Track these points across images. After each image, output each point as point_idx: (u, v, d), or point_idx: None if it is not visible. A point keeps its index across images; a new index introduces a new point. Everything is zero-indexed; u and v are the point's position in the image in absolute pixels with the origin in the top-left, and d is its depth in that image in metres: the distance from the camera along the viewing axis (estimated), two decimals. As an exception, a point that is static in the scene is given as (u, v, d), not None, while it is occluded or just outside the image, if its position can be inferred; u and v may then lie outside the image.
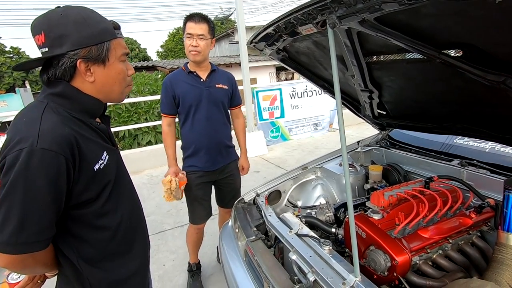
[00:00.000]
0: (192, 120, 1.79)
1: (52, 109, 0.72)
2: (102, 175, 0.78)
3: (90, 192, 0.75)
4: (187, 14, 1.71)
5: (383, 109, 1.73)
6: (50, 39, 0.71)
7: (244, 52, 4.77)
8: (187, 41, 1.69)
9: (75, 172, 0.70)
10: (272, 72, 14.48)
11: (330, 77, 1.63)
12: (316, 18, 0.95)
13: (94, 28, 0.75)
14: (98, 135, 0.81)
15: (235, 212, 1.64)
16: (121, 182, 0.88)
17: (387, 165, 1.80)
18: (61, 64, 0.73)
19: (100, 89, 0.80)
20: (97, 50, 0.75)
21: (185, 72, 1.79)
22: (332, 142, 5.53)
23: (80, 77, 0.76)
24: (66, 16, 0.72)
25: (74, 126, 0.73)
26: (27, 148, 0.63)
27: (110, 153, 0.83)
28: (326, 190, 1.84)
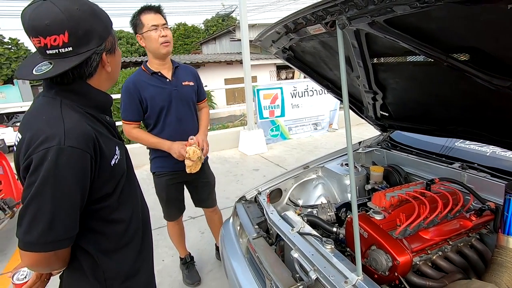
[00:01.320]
0: (163, 124, 1.70)
1: (68, 106, 0.72)
2: (117, 169, 0.79)
3: (107, 187, 0.77)
4: (141, 7, 1.59)
5: (385, 111, 1.74)
6: (77, 37, 0.68)
7: (246, 49, 4.76)
8: (154, 34, 1.56)
9: (96, 169, 0.71)
10: (273, 71, 14.48)
11: (334, 78, 1.64)
12: (326, 19, 0.96)
13: (104, 21, 0.76)
14: (108, 130, 0.82)
15: (236, 210, 1.65)
16: (130, 176, 0.89)
17: (388, 166, 1.82)
18: (91, 62, 0.73)
19: (111, 77, 0.82)
20: (113, 38, 0.78)
21: (148, 73, 1.66)
22: (332, 142, 5.55)
23: (99, 71, 0.77)
24: (82, 10, 0.70)
25: (91, 123, 0.74)
26: (55, 146, 0.63)
27: (120, 148, 0.84)
28: (327, 190, 1.85)
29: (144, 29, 1.57)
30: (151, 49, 1.62)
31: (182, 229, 2.09)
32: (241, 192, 3.53)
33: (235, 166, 4.51)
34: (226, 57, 13.72)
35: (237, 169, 4.35)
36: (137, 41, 1.66)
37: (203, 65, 12.88)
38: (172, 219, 1.98)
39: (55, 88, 0.75)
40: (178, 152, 1.63)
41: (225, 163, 4.67)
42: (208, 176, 1.98)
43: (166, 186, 1.81)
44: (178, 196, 1.90)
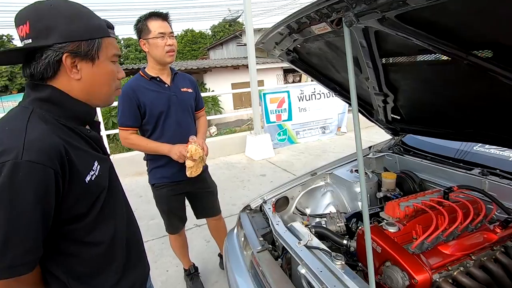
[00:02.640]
0: (162, 128, 1.64)
1: (38, 116, 0.66)
2: (94, 186, 0.72)
3: (81, 206, 0.70)
4: (148, 13, 1.55)
5: (397, 114, 1.65)
6: (36, 29, 0.65)
7: (251, 54, 4.72)
8: (160, 41, 1.53)
9: (64, 186, 0.64)
10: (280, 75, 14.42)
11: (342, 80, 1.56)
12: (331, 16, 0.88)
13: (86, 23, 0.70)
14: (88, 143, 0.76)
15: (240, 220, 1.58)
16: (114, 193, 0.82)
17: (401, 172, 1.72)
18: (44, 57, 0.67)
19: (87, 89, 0.74)
20: (87, 46, 0.70)
21: (146, 78, 1.62)
22: (340, 145, 5.42)
23: (64, 74, 0.70)
24: (57, 8, 0.68)
25: (63, 135, 0.67)
26: (10, 161, 0.57)
27: (102, 163, 0.77)
28: (336, 198, 1.76)
29: (150, 36, 1.53)
30: (155, 56, 1.58)
31: (185, 241, 2.02)
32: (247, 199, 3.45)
33: (241, 171, 4.44)
34: (233, 61, 13.75)
35: (244, 175, 4.28)
36: (140, 45, 1.62)
37: (210, 70, 12.93)
38: (174, 232, 1.91)
39: (31, 96, 0.70)
40: (179, 152, 1.57)
41: (232, 168, 4.61)
42: (211, 185, 1.91)
43: (166, 198, 1.74)
44: (180, 207, 1.84)
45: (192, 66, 12.68)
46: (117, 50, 0.78)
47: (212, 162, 4.81)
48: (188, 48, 27.52)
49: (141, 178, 4.28)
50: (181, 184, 1.74)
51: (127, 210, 0.89)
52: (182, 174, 1.68)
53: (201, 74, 13.00)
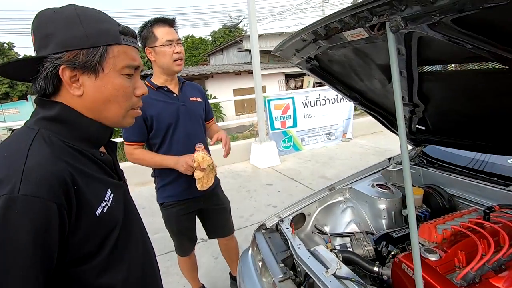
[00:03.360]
0: (170, 141, 1.52)
1: (43, 138, 0.56)
2: (106, 220, 0.61)
3: (91, 243, 0.58)
4: (154, 18, 1.45)
5: (422, 124, 1.54)
6: (37, 39, 0.58)
7: (256, 59, 4.63)
8: (168, 49, 1.42)
9: (71, 221, 0.53)
10: (282, 80, 14.38)
11: (365, 88, 1.44)
12: (371, 21, 0.77)
13: (89, 28, 0.59)
14: (101, 168, 0.65)
15: (256, 241, 1.45)
16: (129, 224, 0.70)
17: (427, 186, 1.60)
18: (43, 70, 0.57)
19: (89, 107, 0.62)
20: (87, 55, 0.58)
21: (153, 88, 1.51)
22: (347, 152, 5.31)
23: (66, 90, 0.60)
24: (61, 12, 0.58)
25: (70, 160, 0.57)
26: (5, 196, 0.47)
27: (116, 190, 0.66)
28: (357, 215, 1.63)
29: (158, 43, 1.42)
30: (162, 65, 1.47)
31: (195, 263, 1.89)
32: (255, 210, 3.30)
33: (247, 180, 4.32)
34: (234, 67, 13.72)
35: (250, 184, 4.16)
36: (145, 54, 1.50)
37: (211, 76, 12.88)
38: (184, 254, 1.78)
39: (39, 114, 0.60)
40: (185, 163, 1.42)
41: (237, 177, 4.48)
42: (223, 201, 1.78)
43: (176, 218, 1.62)
44: (190, 226, 1.71)
45: (194, 72, 12.64)
46: (133, 61, 0.65)
47: (217, 171, 4.68)
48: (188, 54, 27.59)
49: (144, 188, 4.16)
50: (191, 202, 1.62)
51: (145, 247, 0.77)
52: (191, 191, 1.56)
53: (202, 80, 12.95)
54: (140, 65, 0.68)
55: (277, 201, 3.52)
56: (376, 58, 1.08)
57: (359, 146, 5.62)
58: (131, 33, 0.66)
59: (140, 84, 0.69)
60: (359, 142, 5.89)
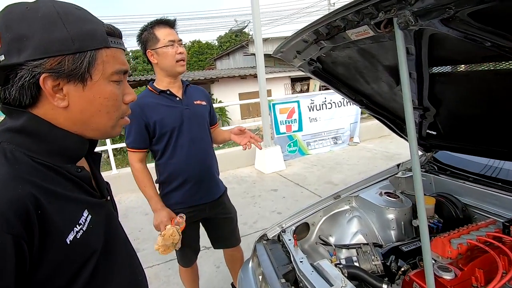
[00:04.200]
0: (173, 148, 1.48)
1: (4, 155, 0.48)
2: (80, 247, 0.53)
3: (60, 276, 0.50)
4: (154, 20, 1.41)
5: (433, 129, 1.45)
6: (5, 41, 0.49)
7: (260, 63, 4.58)
8: (170, 50, 1.38)
9: (33, 254, 0.46)
10: (287, 84, 14.32)
11: (371, 92, 1.37)
12: (377, 17, 0.70)
13: (74, 29, 0.51)
14: (77, 186, 0.57)
15: (257, 253, 1.38)
16: (112, 250, 0.61)
17: (438, 195, 1.50)
18: (18, 79, 0.49)
19: (77, 119, 0.55)
20: (73, 62, 0.51)
21: (155, 92, 1.47)
22: (354, 157, 5.19)
23: (47, 101, 0.52)
24: (35, 10, 0.50)
25: (37, 179, 0.49)
26: None
27: (95, 210, 0.58)
28: (364, 225, 1.54)
29: (159, 45, 1.38)
30: (165, 67, 1.42)
31: (196, 274, 1.83)
32: (259, 216, 3.21)
33: (252, 186, 4.25)
34: (240, 71, 13.72)
35: (255, 190, 4.08)
36: (147, 57, 1.45)
37: (217, 80, 12.91)
38: (187, 265, 1.71)
39: (5, 125, 0.53)
40: (159, 221, 1.43)
41: (242, 182, 4.41)
42: (230, 210, 1.71)
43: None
44: (194, 236, 1.65)
45: (199, 77, 12.68)
46: (123, 65, 0.59)
47: (221, 176, 4.57)
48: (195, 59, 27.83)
49: (147, 193, 4.12)
50: (196, 210, 1.56)
51: (132, 274, 0.67)
52: (198, 197, 1.53)
53: (208, 84, 12.98)
54: (128, 68, 0.61)
55: (282, 207, 3.43)
56: (383, 59, 1.01)
57: (366, 150, 5.50)
58: (117, 33, 0.59)
59: (129, 90, 0.62)
60: (367, 146, 5.77)
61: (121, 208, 3.82)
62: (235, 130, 1.56)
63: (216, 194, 1.61)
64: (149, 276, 2.38)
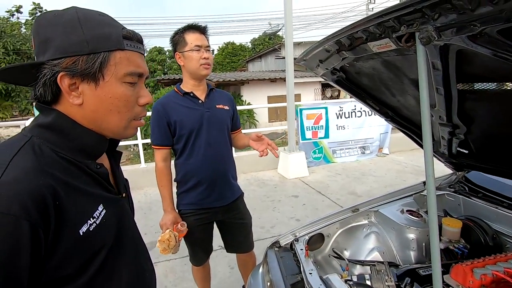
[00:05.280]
0: (191, 148, 1.52)
1: (32, 148, 0.53)
2: (92, 239, 0.56)
3: (70, 265, 0.53)
4: (186, 25, 1.48)
5: (465, 147, 1.35)
6: (37, 44, 0.56)
7: (290, 67, 4.57)
8: (195, 54, 1.44)
9: (48, 241, 0.49)
10: (318, 89, 14.11)
11: (397, 104, 1.31)
12: (399, 31, 0.68)
13: (89, 33, 0.55)
14: (95, 181, 0.61)
15: (267, 260, 1.38)
16: (123, 245, 0.64)
17: (467, 219, 1.40)
18: (42, 76, 0.55)
19: (90, 117, 0.59)
20: (86, 62, 0.55)
21: (180, 94, 1.54)
22: (382, 169, 4.98)
23: (66, 98, 0.58)
24: (61, 16, 0.56)
25: (59, 172, 0.53)
26: None
27: (110, 206, 0.62)
28: (382, 242, 1.48)
29: (186, 48, 1.45)
30: (189, 69, 1.49)
31: (208, 273, 1.86)
32: (277, 222, 3.19)
33: (273, 190, 4.23)
34: (270, 74, 13.77)
35: (275, 194, 4.07)
36: (175, 59, 1.53)
37: (247, 82, 13.05)
38: (197, 264, 1.75)
39: (36, 121, 0.58)
40: (163, 223, 1.53)
41: (263, 186, 4.42)
42: (244, 215, 1.71)
43: (192, 227, 1.58)
44: (206, 238, 1.68)
45: (230, 78, 12.91)
46: (136, 68, 0.61)
47: (243, 178, 4.67)
48: (228, 60, 28.36)
49: (171, 189, 4.27)
50: (210, 212, 1.59)
51: (139, 270, 0.70)
52: (210, 200, 1.55)
53: (238, 86, 13.17)
54: (145, 72, 0.64)
55: (301, 214, 3.38)
56: (408, 72, 0.97)
57: (396, 163, 5.25)
58: (136, 37, 0.62)
59: (145, 92, 0.65)
60: (396, 158, 5.51)
61: (147, 200, 3.99)
62: (253, 136, 1.57)
63: (229, 199, 1.62)
64: (166, 270, 2.49)
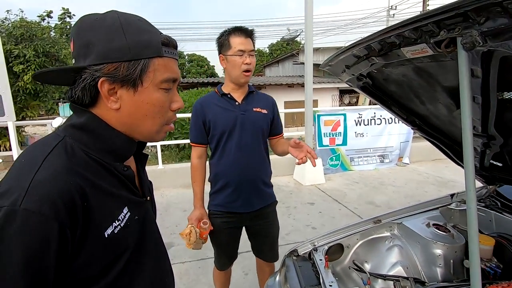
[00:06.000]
0: (222, 149, 1.52)
1: (64, 148, 0.54)
2: (116, 242, 0.56)
3: (94, 266, 0.54)
4: (231, 28, 1.46)
5: (500, 160, 1.28)
6: (76, 48, 0.56)
7: (309, 73, 4.54)
8: (238, 59, 1.42)
9: (75, 242, 0.50)
10: (335, 95, 13.95)
11: (426, 112, 1.26)
12: (437, 36, 0.64)
13: (132, 39, 0.56)
14: (122, 184, 0.61)
15: (285, 269, 1.34)
16: (144, 249, 0.65)
17: (499, 236, 1.31)
18: (81, 81, 0.55)
19: (125, 121, 0.60)
20: (127, 68, 0.55)
21: (218, 94, 1.55)
22: (401, 179, 4.82)
23: (103, 103, 0.58)
24: (103, 20, 0.56)
25: (88, 173, 0.54)
26: (6, 207, 0.45)
27: (135, 208, 0.62)
28: (405, 256, 1.41)
29: (230, 52, 1.44)
30: (231, 74, 1.49)
31: (228, 278, 1.84)
32: (292, 229, 3.13)
33: (288, 196, 4.18)
34: (288, 80, 13.76)
35: (291, 200, 4.01)
36: (219, 60, 1.53)
37: (265, 87, 13.09)
38: (220, 268, 1.73)
39: (69, 122, 0.59)
40: (189, 218, 1.54)
41: (279, 191, 4.37)
42: (271, 226, 1.67)
43: (219, 230, 1.57)
44: (232, 243, 1.66)
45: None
46: (173, 74, 0.61)
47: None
48: (244, 65, 28.69)
49: (187, 191, 4.30)
50: (236, 217, 1.57)
51: (160, 274, 0.70)
52: (237, 205, 1.53)
53: (255, 90, 13.22)
54: (179, 77, 0.64)
55: (317, 223, 3.31)
56: (442, 79, 0.92)
57: (416, 173, 5.07)
58: (172, 43, 0.62)
59: (177, 97, 0.65)
60: (417, 168, 5.32)
61: (163, 201, 4.05)
62: (292, 143, 1.53)
63: (256, 205, 1.57)
64: (180, 272, 2.49)
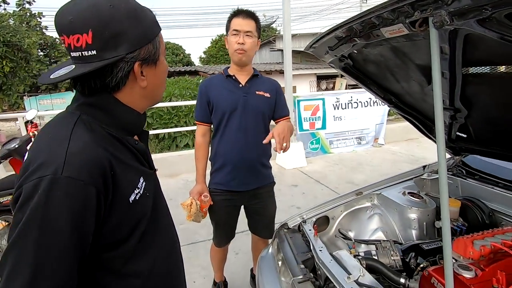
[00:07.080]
0: (223, 129, 1.57)
1: (84, 124, 0.58)
2: (138, 207, 0.62)
3: (122, 230, 0.60)
4: (234, 10, 1.51)
5: (463, 131, 1.43)
6: (102, 40, 0.55)
7: (288, 59, 4.60)
8: (232, 39, 1.47)
9: (106, 206, 0.55)
10: (313, 81, 14.14)
11: (401, 91, 1.37)
12: (412, 16, 0.73)
13: (147, 21, 0.61)
14: (135, 156, 0.66)
15: (277, 240, 1.44)
16: (158, 215, 0.71)
17: (465, 199, 1.48)
18: (117, 71, 0.58)
19: (148, 94, 0.66)
20: (153, 47, 0.62)
21: (223, 76, 1.59)
22: (378, 159, 5.09)
23: (130, 84, 0.62)
24: (117, 8, 0.57)
25: (109, 146, 0.58)
26: (49, 176, 0.49)
27: (147, 179, 0.67)
28: (385, 223, 1.56)
29: (228, 33, 1.51)
30: (229, 53, 1.56)
31: (225, 256, 1.92)
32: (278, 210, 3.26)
33: (272, 180, 4.30)
34: (266, 67, 13.73)
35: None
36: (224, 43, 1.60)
37: (243, 75, 12.99)
38: (217, 245, 1.81)
39: (80, 101, 0.62)
40: (190, 192, 1.61)
41: (262, 176, 4.48)
42: (266, 205, 1.76)
43: (218, 208, 1.63)
44: (230, 222, 1.73)
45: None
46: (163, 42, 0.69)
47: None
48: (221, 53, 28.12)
49: (172, 180, 4.31)
50: (235, 196, 1.63)
51: (171, 237, 0.78)
52: (234, 184, 1.59)
53: (233, 78, 13.10)
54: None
55: (301, 203, 3.47)
56: (415, 57, 1.02)
57: (391, 153, 5.37)
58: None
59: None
60: (392, 148, 5.63)
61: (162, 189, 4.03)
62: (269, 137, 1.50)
63: (252, 185, 1.63)
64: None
